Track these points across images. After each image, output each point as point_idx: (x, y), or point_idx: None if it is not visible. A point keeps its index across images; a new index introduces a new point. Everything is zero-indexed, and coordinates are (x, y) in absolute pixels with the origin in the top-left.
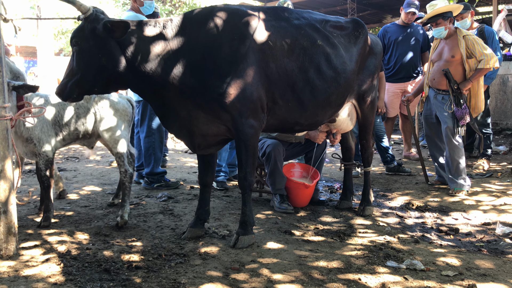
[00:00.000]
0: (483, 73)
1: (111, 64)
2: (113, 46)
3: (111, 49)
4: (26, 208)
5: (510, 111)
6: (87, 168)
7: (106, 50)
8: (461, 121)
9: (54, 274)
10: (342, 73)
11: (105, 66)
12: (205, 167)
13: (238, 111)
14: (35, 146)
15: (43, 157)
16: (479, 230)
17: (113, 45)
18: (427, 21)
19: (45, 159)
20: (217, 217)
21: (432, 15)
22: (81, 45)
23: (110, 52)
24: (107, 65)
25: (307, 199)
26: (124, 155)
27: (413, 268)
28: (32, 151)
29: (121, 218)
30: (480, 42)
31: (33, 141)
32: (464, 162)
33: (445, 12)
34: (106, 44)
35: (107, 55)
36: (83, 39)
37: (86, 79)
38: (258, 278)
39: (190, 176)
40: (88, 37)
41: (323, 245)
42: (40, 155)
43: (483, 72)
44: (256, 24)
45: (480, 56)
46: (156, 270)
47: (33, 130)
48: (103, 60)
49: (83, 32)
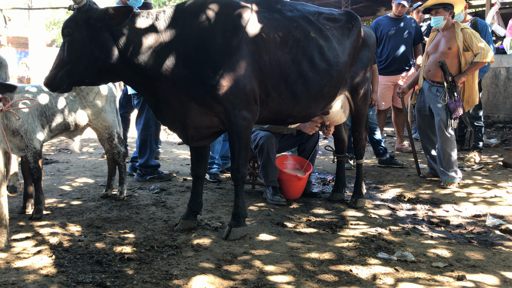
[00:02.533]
0: (478, 67)
1: (103, 55)
2: (106, 37)
3: (104, 40)
4: (17, 200)
5: (502, 104)
6: (80, 160)
7: (99, 40)
8: (454, 114)
9: (46, 266)
10: (335, 65)
11: (98, 57)
12: (198, 159)
13: (231, 103)
14: (22, 138)
15: (30, 149)
16: (469, 222)
17: (106, 35)
18: (429, 7)
19: (33, 151)
20: (209, 209)
21: (434, 3)
22: (74, 35)
23: (103, 43)
24: (100, 56)
25: (299, 191)
26: (115, 137)
27: (404, 260)
28: (19, 144)
29: (120, 193)
30: (477, 36)
31: (20, 133)
32: (456, 154)
33: (447, 3)
34: (100, 35)
35: (100, 46)
36: (76, 29)
37: (77, 70)
38: (250, 269)
39: (183, 168)
40: (82, 27)
41: (315, 237)
42: (28, 147)
43: (479, 65)
44: (249, 15)
45: (477, 49)
46: (148, 261)
47: (20, 122)
48: (96, 51)
49: (76, 22)
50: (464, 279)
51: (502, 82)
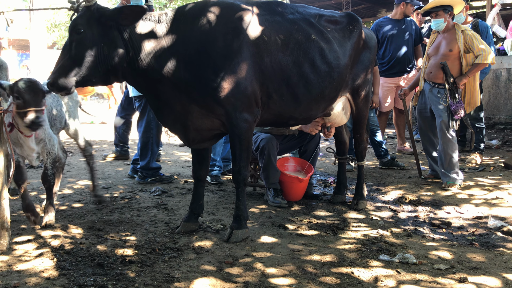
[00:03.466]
0: (479, 68)
1: (112, 53)
2: (116, 35)
3: (114, 38)
4: (18, 203)
5: (503, 105)
6: (81, 163)
7: (109, 39)
8: (455, 115)
9: (47, 269)
10: (336, 67)
11: (107, 55)
12: (199, 161)
13: (233, 105)
14: (45, 145)
15: (52, 155)
16: (471, 224)
17: (116, 34)
18: (428, 10)
19: (53, 157)
20: (211, 211)
21: (433, 6)
22: (85, 32)
23: (112, 41)
24: (109, 54)
25: (301, 193)
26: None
27: (406, 262)
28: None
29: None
30: (478, 38)
31: (45, 140)
32: (457, 156)
33: (446, 5)
34: (110, 33)
35: (109, 44)
36: (87, 27)
37: (87, 68)
38: (251, 272)
39: (184, 170)
40: (93, 24)
41: (317, 239)
42: (49, 154)
43: (480, 67)
44: (250, 18)
45: (478, 51)
46: (149, 264)
47: (45, 128)
48: (106, 48)
49: (87, 20)
50: (466, 281)
51: (503, 84)
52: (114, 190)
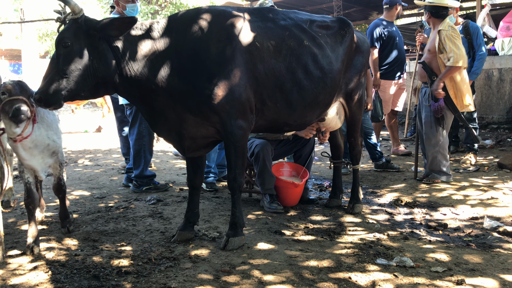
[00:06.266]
0: (452, 72)
1: (102, 66)
2: (105, 47)
3: (103, 51)
4: (12, 215)
5: (496, 105)
6: (75, 172)
7: (98, 51)
8: (435, 115)
9: (42, 282)
10: (329, 73)
11: (97, 68)
12: (194, 169)
13: (227, 112)
14: (57, 157)
15: (63, 166)
16: (467, 225)
17: (105, 46)
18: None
19: (64, 168)
20: (207, 219)
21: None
22: (72, 46)
23: (102, 54)
24: (99, 67)
25: (296, 198)
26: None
27: (403, 265)
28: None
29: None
30: (453, 40)
31: (57, 153)
32: (442, 153)
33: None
34: (99, 46)
35: (99, 57)
36: (75, 40)
37: (75, 82)
38: (249, 279)
39: (179, 178)
40: (81, 37)
41: (314, 244)
42: (61, 165)
43: (452, 71)
44: (242, 25)
45: (449, 53)
46: (146, 274)
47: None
48: (95, 61)
49: (74, 33)
50: (464, 283)
51: (495, 84)
52: (109, 200)
